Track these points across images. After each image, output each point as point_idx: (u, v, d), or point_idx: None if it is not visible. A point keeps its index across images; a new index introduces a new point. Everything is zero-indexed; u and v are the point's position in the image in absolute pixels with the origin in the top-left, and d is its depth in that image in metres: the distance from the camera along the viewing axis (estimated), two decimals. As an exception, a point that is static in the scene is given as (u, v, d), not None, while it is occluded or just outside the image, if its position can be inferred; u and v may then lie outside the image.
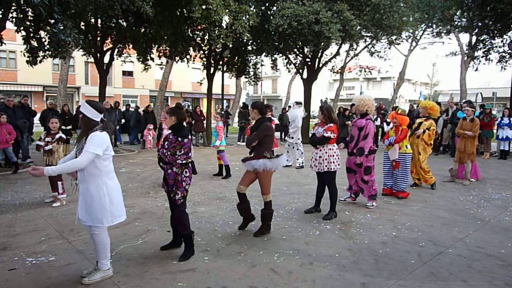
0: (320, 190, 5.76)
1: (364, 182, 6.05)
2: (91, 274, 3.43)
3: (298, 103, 10.79)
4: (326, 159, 5.42)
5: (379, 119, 13.98)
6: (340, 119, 14.15)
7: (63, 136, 6.17)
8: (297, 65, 18.52)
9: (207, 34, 12.91)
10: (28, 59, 9.68)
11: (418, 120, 7.58)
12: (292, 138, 9.97)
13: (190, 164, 3.99)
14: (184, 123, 4.12)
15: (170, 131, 3.96)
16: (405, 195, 6.76)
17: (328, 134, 5.40)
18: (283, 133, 17.43)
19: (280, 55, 18.29)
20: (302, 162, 9.89)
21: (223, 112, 12.22)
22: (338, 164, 5.49)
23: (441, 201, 6.56)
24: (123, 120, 15.93)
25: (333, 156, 5.44)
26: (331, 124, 5.45)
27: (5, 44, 8.91)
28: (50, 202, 6.12)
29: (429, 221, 5.40)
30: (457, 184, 8.04)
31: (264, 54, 17.48)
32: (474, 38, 17.70)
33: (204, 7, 11.17)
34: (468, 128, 7.94)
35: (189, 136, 3.98)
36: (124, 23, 12.63)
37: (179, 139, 3.83)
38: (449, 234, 4.83)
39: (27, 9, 8.76)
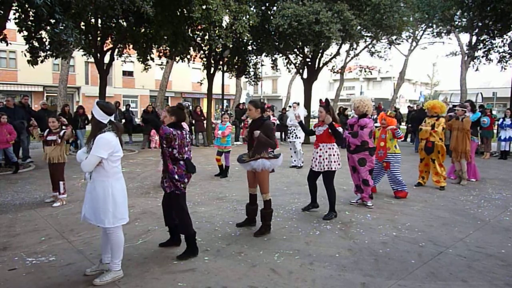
0: (312, 186, 5.78)
1: (366, 184, 6.04)
2: (103, 275, 3.44)
3: (298, 103, 10.82)
4: (326, 158, 5.42)
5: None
6: (341, 118, 14.15)
7: (67, 131, 6.18)
8: (297, 65, 18.52)
9: (207, 34, 12.92)
10: (29, 59, 9.68)
11: (428, 120, 7.58)
12: (299, 138, 9.98)
13: (181, 162, 3.90)
14: (185, 124, 4.12)
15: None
16: (404, 195, 6.77)
17: (341, 130, 5.42)
18: (283, 133, 17.43)
19: (280, 55, 18.30)
20: (295, 161, 9.92)
21: (229, 112, 12.25)
22: (339, 164, 5.48)
23: (441, 201, 6.56)
24: (123, 120, 15.92)
25: (333, 155, 5.43)
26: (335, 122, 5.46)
27: (11, 43, 8.96)
28: (50, 202, 6.12)
29: (429, 221, 5.40)
30: (457, 184, 8.04)
31: (264, 54, 17.48)
32: (474, 38, 17.68)
33: (204, 7, 11.17)
34: (460, 127, 7.95)
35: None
36: (124, 23, 12.63)
37: (172, 130, 3.79)
38: (449, 234, 4.83)
39: (28, 9, 8.77)
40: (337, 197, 6.66)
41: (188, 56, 15.84)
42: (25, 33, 9.29)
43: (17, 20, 8.88)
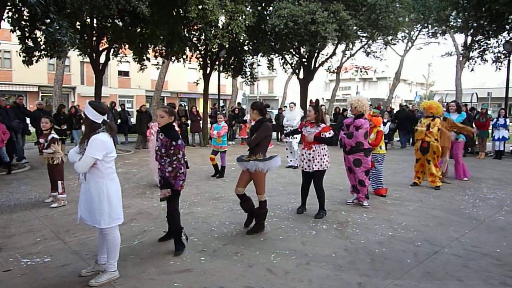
0: (305, 190, 5.76)
1: (362, 184, 6.05)
2: (98, 276, 3.43)
3: (294, 103, 10.84)
4: (316, 158, 5.43)
5: None
6: (339, 118, 14.19)
7: (55, 136, 6.09)
8: (293, 65, 18.55)
9: (203, 34, 12.91)
10: (24, 59, 9.62)
11: (424, 120, 7.60)
12: (296, 138, 9.96)
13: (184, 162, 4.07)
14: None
15: (159, 131, 4.02)
16: (384, 191, 6.88)
17: (332, 134, 5.47)
18: (279, 133, 17.44)
19: (277, 55, 18.31)
20: (291, 161, 9.92)
21: (224, 112, 12.26)
22: (329, 163, 5.55)
23: (437, 201, 6.59)
24: (118, 121, 15.87)
25: (325, 155, 5.48)
26: (324, 125, 5.50)
27: (-1, 43, 8.89)
28: (49, 203, 6.07)
29: (425, 220, 5.42)
30: (453, 184, 8.07)
31: (260, 54, 17.50)
32: (469, 39, 17.78)
33: (200, 7, 11.16)
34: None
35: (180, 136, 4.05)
36: (120, 23, 12.58)
37: (173, 143, 3.88)
38: (445, 234, 4.85)
39: (22, 9, 8.71)
40: (333, 197, 6.73)
41: (184, 56, 15.81)
42: (19, 32, 9.24)
43: (10, 20, 8.82)
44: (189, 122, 15.38)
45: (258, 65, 19.56)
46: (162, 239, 4.42)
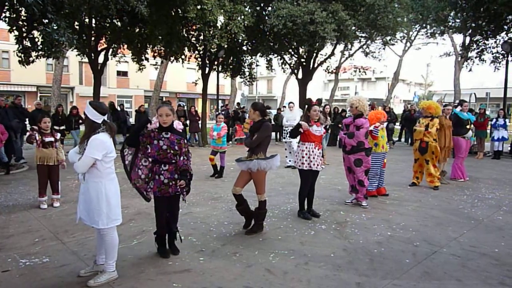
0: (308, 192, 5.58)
1: (361, 184, 6.05)
2: (97, 276, 3.42)
3: (294, 103, 10.87)
4: (320, 156, 5.46)
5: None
6: (338, 119, 14.20)
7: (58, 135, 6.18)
8: (292, 65, 18.56)
9: (202, 34, 12.91)
10: (20, 59, 9.60)
11: (422, 120, 7.61)
12: (296, 137, 9.95)
13: None
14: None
15: (161, 130, 3.88)
16: (384, 191, 6.92)
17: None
18: (278, 133, 17.45)
19: (275, 55, 18.32)
20: (290, 161, 9.92)
21: (224, 113, 12.26)
22: None
23: (435, 201, 6.60)
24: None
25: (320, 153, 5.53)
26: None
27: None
28: (51, 204, 6.04)
29: (423, 220, 5.43)
30: (451, 184, 8.09)
31: (259, 54, 17.51)
32: (467, 39, 17.82)
33: (199, 7, 11.17)
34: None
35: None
36: (119, 23, 12.57)
37: (184, 140, 4.00)
38: (443, 234, 4.86)
39: (20, 9, 8.70)
40: (332, 197, 6.75)
41: (183, 56, 15.80)
42: (16, 32, 9.22)
43: (7, 19, 8.79)
44: (188, 122, 15.40)
45: (257, 65, 19.57)
46: (163, 245, 4.16)
